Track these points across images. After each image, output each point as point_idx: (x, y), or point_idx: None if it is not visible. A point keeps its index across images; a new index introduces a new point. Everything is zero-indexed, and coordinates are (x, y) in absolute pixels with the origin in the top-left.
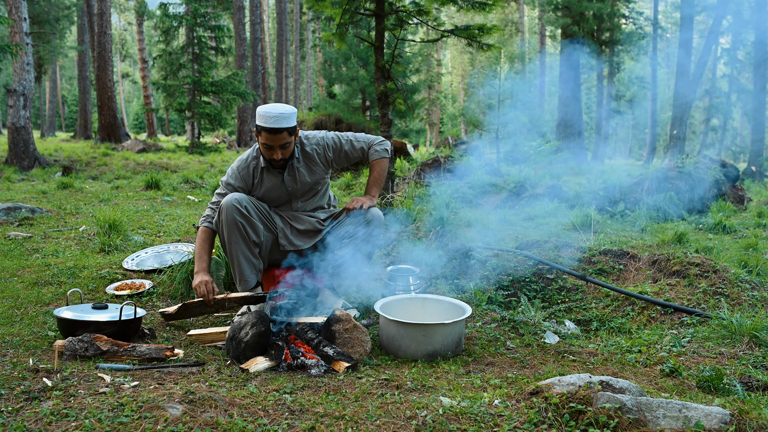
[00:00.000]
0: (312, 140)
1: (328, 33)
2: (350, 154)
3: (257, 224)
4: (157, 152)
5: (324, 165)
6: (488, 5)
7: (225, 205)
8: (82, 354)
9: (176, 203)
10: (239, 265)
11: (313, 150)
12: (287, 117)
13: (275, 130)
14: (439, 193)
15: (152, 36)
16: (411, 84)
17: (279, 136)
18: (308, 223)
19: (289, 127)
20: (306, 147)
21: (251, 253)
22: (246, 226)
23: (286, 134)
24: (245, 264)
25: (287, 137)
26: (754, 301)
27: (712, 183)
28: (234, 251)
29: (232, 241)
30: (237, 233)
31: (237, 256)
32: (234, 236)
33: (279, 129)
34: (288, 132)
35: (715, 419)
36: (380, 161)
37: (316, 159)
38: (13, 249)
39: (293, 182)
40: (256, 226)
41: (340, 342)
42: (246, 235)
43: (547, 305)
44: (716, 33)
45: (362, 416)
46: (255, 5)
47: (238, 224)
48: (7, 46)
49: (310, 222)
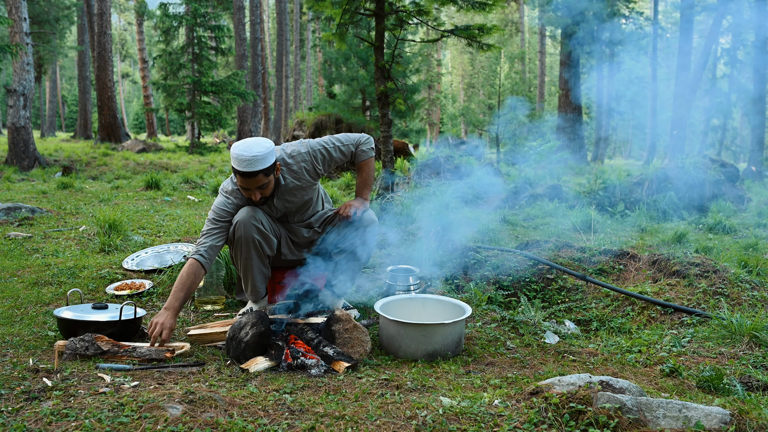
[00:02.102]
0: (298, 158)
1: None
2: (339, 159)
3: (272, 239)
4: (157, 152)
5: (313, 177)
6: (488, 5)
7: (243, 222)
8: (82, 353)
9: (176, 203)
10: (253, 278)
11: (301, 168)
12: (261, 159)
13: (248, 174)
14: (439, 193)
15: (152, 36)
16: (411, 84)
17: (253, 179)
18: (306, 235)
19: (265, 169)
20: (293, 167)
21: (263, 265)
22: (263, 243)
23: (261, 176)
24: (259, 277)
25: (263, 179)
26: (754, 301)
27: (712, 183)
28: (249, 266)
29: (249, 257)
30: (254, 250)
31: (251, 270)
32: (250, 253)
33: (253, 173)
34: (264, 173)
35: (715, 419)
36: (367, 162)
37: (305, 176)
38: (13, 249)
39: (285, 204)
40: (271, 241)
41: (340, 342)
42: (262, 251)
43: (547, 305)
44: (716, 33)
45: (362, 416)
46: (255, 5)
47: (255, 242)
48: (7, 46)
49: (308, 233)
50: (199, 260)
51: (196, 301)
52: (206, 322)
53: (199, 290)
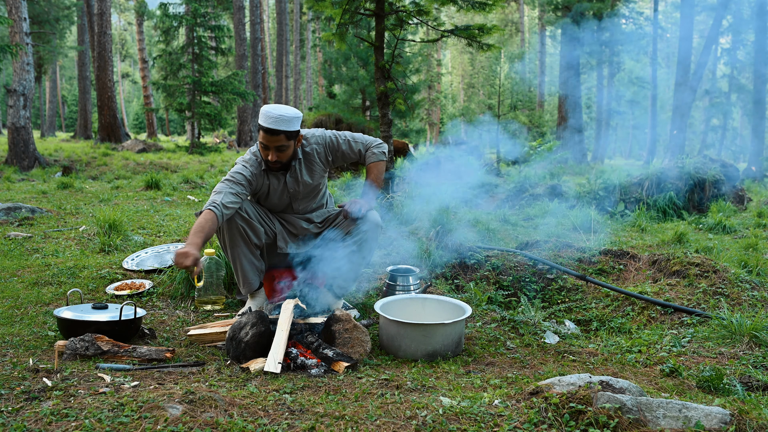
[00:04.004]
0: (311, 140)
1: (328, 33)
2: (347, 154)
3: (258, 227)
4: (157, 152)
5: (324, 164)
6: (488, 5)
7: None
8: (82, 353)
9: (176, 203)
10: (242, 268)
11: (312, 150)
12: (287, 120)
13: (272, 131)
14: (439, 193)
15: (152, 36)
16: (411, 84)
17: (275, 137)
18: (305, 227)
19: (288, 131)
20: (306, 147)
21: (253, 255)
22: (247, 229)
23: (283, 137)
24: (248, 267)
25: (284, 140)
26: (754, 301)
27: (712, 183)
28: (236, 254)
29: (234, 244)
30: (239, 236)
31: (239, 259)
32: (235, 239)
33: (276, 130)
34: (286, 135)
35: (715, 419)
36: (377, 164)
37: (316, 158)
38: (13, 249)
39: (295, 184)
40: (256, 229)
41: (340, 342)
42: (248, 238)
43: (547, 305)
44: (716, 33)
45: (362, 416)
46: (255, 5)
47: (239, 228)
48: (7, 46)
49: (307, 225)
50: (214, 211)
51: (196, 301)
52: (206, 322)
53: (199, 290)
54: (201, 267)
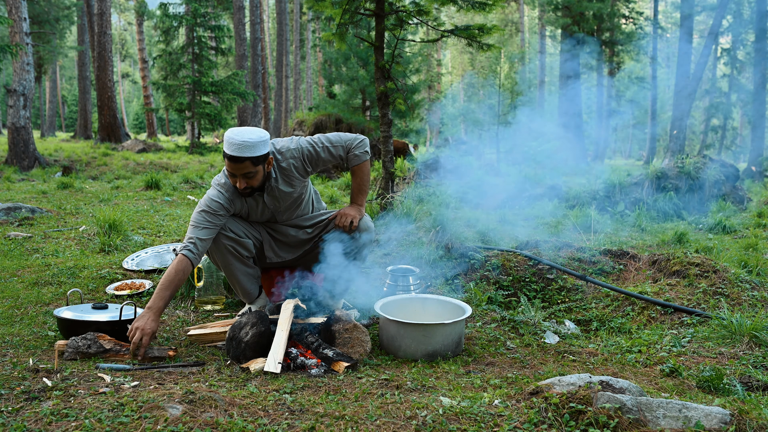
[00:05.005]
0: (287, 154)
1: (328, 33)
2: (328, 160)
3: (245, 241)
4: (157, 152)
5: (303, 176)
6: (488, 5)
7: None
8: (84, 351)
9: (176, 203)
10: (240, 282)
11: (289, 165)
12: (251, 146)
13: (236, 159)
14: (439, 193)
15: (152, 36)
16: (411, 84)
17: (240, 165)
18: (293, 234)
19: (253, 157)
20: (282, 163)
21: (246, 266)
22: (236, 246)
23: (249, 164)
24: (244, 279)
25: (250, 167)
26: (754, 301)
27: (712, 183)
28: (231, 272)
29: (227, 263)
30: (229, 256)
31: (235, 275)
32: (227, 259)
33: (240, 158)
34: (252, 161)
35: (715, 419)
36: (361, 166)
37: (294, 173)
38: (13, 249)
39: (274, 201)
40: (243, 242)
41: (340, 342)
42: (238, 254)
43: (547, 305)
44: (716, 33)
45: (362, 416)
46: (255, 5)
47: (227, 248)
48: (7, 46)
49: (296, 232)
50: (188, 256)
51: (196, 301)
52: (206, 322)
53: (199, 290)
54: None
